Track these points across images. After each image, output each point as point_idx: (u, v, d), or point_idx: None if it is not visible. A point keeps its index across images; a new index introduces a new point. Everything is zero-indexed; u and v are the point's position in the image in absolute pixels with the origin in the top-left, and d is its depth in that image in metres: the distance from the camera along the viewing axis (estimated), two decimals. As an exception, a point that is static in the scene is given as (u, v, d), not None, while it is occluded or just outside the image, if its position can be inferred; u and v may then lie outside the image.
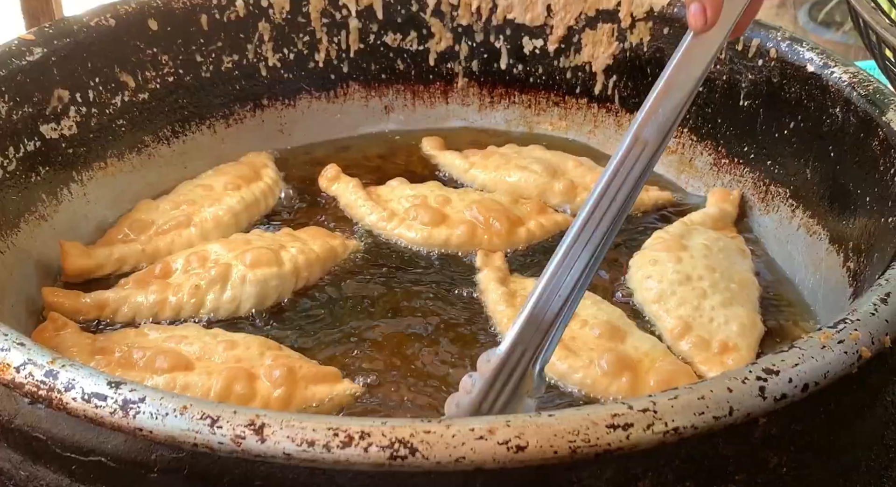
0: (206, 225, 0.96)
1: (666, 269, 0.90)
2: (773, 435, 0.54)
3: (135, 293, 0.87)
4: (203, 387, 0.76)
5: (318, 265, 0.91)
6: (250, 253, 0.88)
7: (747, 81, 1.00)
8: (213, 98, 1.09)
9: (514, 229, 0.97)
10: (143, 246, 0.93)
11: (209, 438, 0.50)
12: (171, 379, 0.76)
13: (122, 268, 0.92)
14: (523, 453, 0.49)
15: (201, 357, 0.79)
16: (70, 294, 0.87)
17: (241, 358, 0.79)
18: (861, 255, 0.83)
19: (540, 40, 1.14)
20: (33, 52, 0.91)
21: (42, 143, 0.91)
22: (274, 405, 0.76)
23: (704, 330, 0.85)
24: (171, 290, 0.86)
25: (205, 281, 0.86)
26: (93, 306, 0.86)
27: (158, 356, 0.77)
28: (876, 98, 0.84)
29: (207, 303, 0.86)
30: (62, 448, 0.54)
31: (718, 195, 1.03)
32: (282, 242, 0.92)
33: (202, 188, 1.02)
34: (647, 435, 0.51)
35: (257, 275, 0.87)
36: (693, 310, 0.86)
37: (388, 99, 1.19)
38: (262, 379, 0.77)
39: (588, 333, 0.83)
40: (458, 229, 0.96)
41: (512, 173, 1.06)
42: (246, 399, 0.76)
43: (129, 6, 1.00)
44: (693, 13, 0.69)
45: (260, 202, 1.02)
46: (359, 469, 0.49)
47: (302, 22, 1.12)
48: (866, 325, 0.58)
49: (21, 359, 0.55)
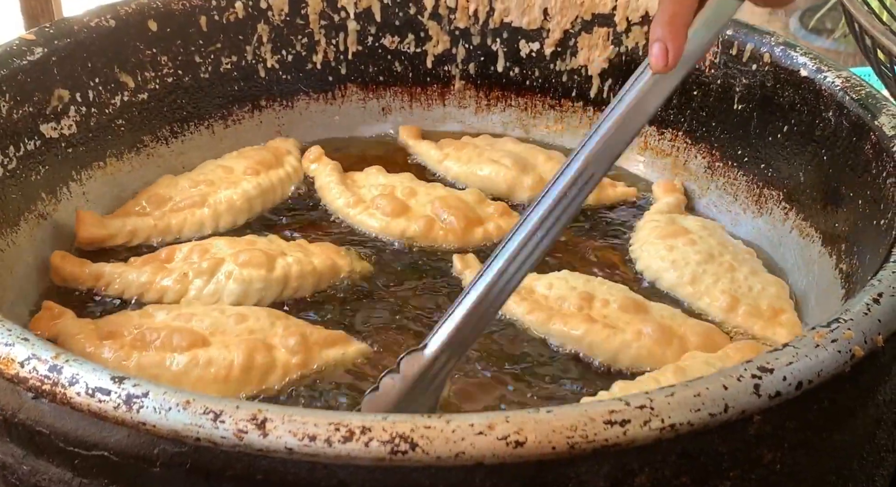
0: (219, 206, 0.98)
1: (686, 252, 0.94)
2: (768, 433, 0.55)
3: (130, 270, 0.89)
4: (226, 361, 0.77)
5: (313, 278, 0.90)
6: (245, 253, 0.89)
7: (741, 85, 1.01)
8: (212, 99, 1.10)
9: (470, 228, 0.98)
10: (155, 220, 0.96)
11: (212, 432, 0.50)
12: (192, 357, 0.77)
13: (132, 240, 0.95)
14: (522, 448, 0.50)
15: (214, 331, 0.80)
16: (76, 261, 0.90)
17: (254, 330, 0.81)
18: (853, 257, 0.84)
19: (536, 43, 1.15)
20: (34, 51, 0.91)
21: (42, 142, 0.92)
22: (293, 371, 0.79)
23: (750, 298, 0.89)
24: (162, 273, 0.88)
25: (193, 271, 0.88)
26: (90, 276, 0.89)
27: (174, 334, 0.78)
28: (868, 102, 0.86)
29: (190, 292, 0.87)
30: (65, 442, 0.54)
31: (666, 186, 1.08)
32: (284, 249, 0.92)
33: (223, 169, 1.03)
34: (643, 431, 0.51)
35: (243, 275, 0.87)
36: (731, 283, 0.90)
37: (385, 101, 1.19)
38: (279, 347, 0.80)
39: (614, 310, 0.86)
40: (417, 223, 0.98)
41: (483, 167, 1.07)
42: (267, 368, 0.78)
43: (129, 7, 1.01)
44: (655, 55, 0.69)
45: (276, 189, 1.03)
46: (360, 463, 0.50)
47: (300, 24, 1.12)
48: (859, 325, 0.59)
49: (25, 354, 0.55)
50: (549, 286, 0.89)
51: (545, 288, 0.89)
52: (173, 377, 0.77)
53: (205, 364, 0.77)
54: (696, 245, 0.95)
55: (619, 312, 0.85)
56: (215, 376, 0.77)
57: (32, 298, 0.88)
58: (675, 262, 0.93)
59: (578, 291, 0.88)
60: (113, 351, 0.78)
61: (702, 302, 0.90)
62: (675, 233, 0.96)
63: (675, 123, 1.09)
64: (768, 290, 0.90)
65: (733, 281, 0.91)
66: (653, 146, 1.12)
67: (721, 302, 0.89)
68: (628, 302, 0.86)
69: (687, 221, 1.01)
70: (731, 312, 0.88)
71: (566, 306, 0.86)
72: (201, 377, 0.77)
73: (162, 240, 0.96)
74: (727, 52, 1.01)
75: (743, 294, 0.90)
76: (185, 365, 0.77)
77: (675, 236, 0.96)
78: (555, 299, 0.87)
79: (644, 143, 1.13)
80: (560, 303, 0.87)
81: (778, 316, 0.88)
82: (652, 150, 1.12)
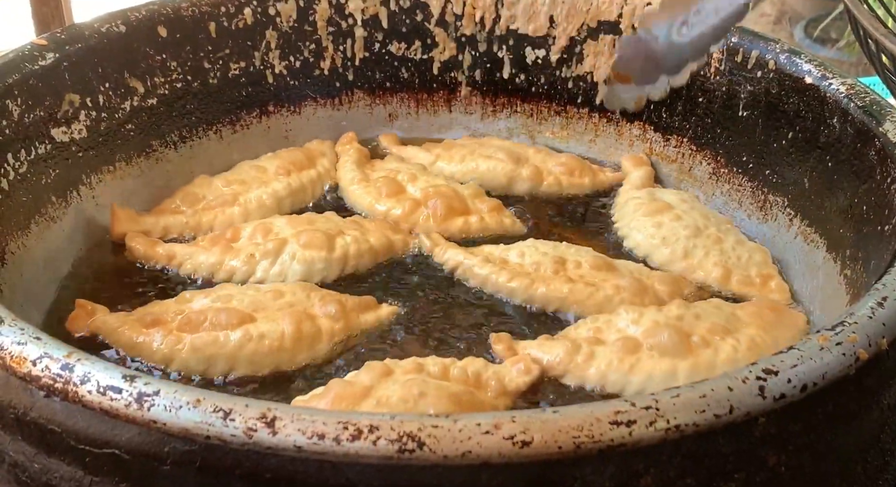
0: (249, 205, 1.01)
1: (674, 228, 0.97)
2: (772, 435, 0.56)
3: (200, 251, 0.93)
4: (276, 332, 0.81)
5: (370, 255, 0.95)
6: (305, 234, 0.93)
7: (746, 92, 1.01)
8: (221, 104, 1.11)
9: (451, 217, 1.00)
10: (187, 218, 1.00)
11: (222, 431, 0.51)
12: (245, 332, 0.81)
13: (165, 236, 0.99)
14: (528, 448, 0.51)
15: (256, 308, 0.83)
16: (148, 241, 0.95)
17: (293, 303, 0.84)
18: (858, 263, 0.84)
19: (542, 50, 1.15)
20: (46, 56, 0.92)
21: (53, 146, 0.93)
22: (338, 337, 0.83)
23: (741, 268, 0.94)
24: (230, 254, 0.92)
25: (259, 252, 0.92)
26: (163, 255, 0.94)
27: (221, 313, 0.81)
28: (873, 109, 0.86)
29: (258, 273, 0.91)
30: (76, 440, 0.55)
31: (634, 159, 1.12)
32: (343, 228, 0.96)
33: (256, 169, 1.07)
34: (649, 432, 0.52)
35: (306, 256, 0.91)
36: (721, 255, 0.95)
37: (392, 107, 1.20)
38: (321, 316, 0.83)
39: (588, 270, 0.91)
40: (403, 205, 1.01)
41: (480, 163, 1.09)
42: (315, 336, 0.82)
43: (140, 13, 1.02)
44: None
45: (307, 189, 1.06)
46: (367, 462, 0.51)
47: (308, 30, 1.13)
48: (864, 328, 0.59)
49: (38, 353, 0.56)
50: (520, 254, 0.93)
51: (517, 256, 0.93)
52: (229, 353, 0.80)
53: (258, 337, 0.80)
54: (682, 220, 0.98)
55: (593, 271, 0.90)
56: (270, 347, 0.80)
57: (42, 300, 0.88)
58: (665, 239, 0.96)
59: (550, 256, 0.92)
60: (163, 337, 0.80)
61: (696, 275, 0.94)
62: (659, 209, 1.00)
63: (680, 130, 1.10)
64: (755, 258, 0.95)
65: (722, 252, 0.95)
66: (658, 152, 1.13)
67: (715, 273, 0.93)
68: (598, 262, 0.92)
69: (666, 195, 1.04)
70: (725, 283, 0.93)
71: (543, 270, 0.90)
72: (256, 350, 0.80)
73: (193, 236, 0.99)
74: (732, 59, 1.02)
75: (734, 264, 0.94)
76: (240, 340, 0.80)
77: (661, 212, 0.99)
78: (530, 265, 0.91)
79: (649, 149, 1.13)
80: (536, 269, 0.91)
81: (768, 283, 0.93)
82: (657, 156, 1.13)
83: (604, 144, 1.17)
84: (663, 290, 0.90)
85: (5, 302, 0.63)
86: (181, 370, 0.80)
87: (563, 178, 1.08)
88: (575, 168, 1.10)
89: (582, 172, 1.10)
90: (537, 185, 1.08)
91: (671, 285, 0.91)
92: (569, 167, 1.09)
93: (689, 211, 1.00)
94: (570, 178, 1.09)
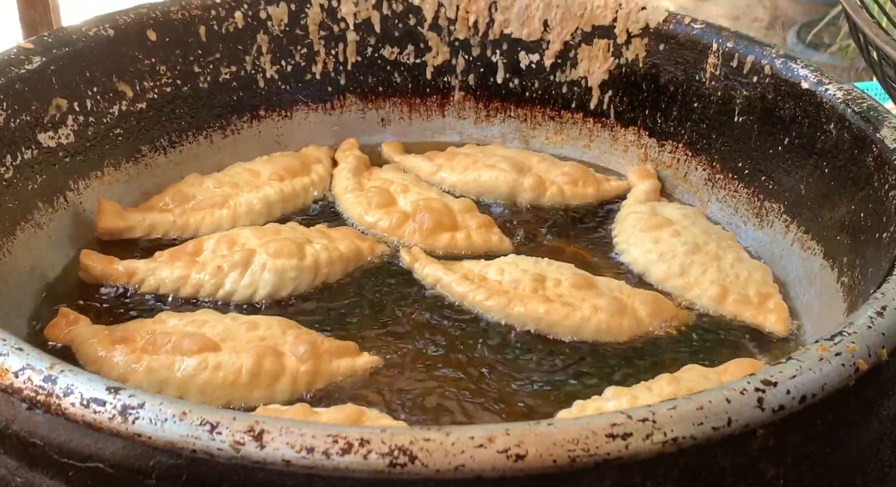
0: (238, 209, 0.99)
1: (672, 244, 0.95)
2: (771, 447, 0.55)
3: (162, 266, 0.90)
4: (234, 365, 0.77)
5: (341, 263, 0.93)
6: (274, 243, 0.91)
7: (742, 98, 1.01)
8: (211, 108, 1.09)
9: (438, 232, 0.99)
10: (175, 217, 0.98)
11: (208, 444, 0.50)
12: (202, 360, 0.77)
13: (151, 234, 0.97)
14: (523, 461, 0.49)
15: (225, 338, 0.80)
16: (104, 258, 0.91)
17: (265, 337, 0.81)
18: (855, 270, 0.83)
19: (536, 55, 1.14)
20: (32, 60, 0.91)
21: (39, 152, 0.91)
22: (302, 379, 0.78)
23: (738, 286, 0.92)
24: (195, 268, 0.90)
25: (227, 264, 0.89)
26: (123, 273, 0.90)
27: (185, 339, 0.78)
28: (870, 115, 0.85)
29: (226, 285, 0.89)
30: (59, 453, 0.53)
31: (640, 172, 1.10)
32: (309, 237, 0.94)
33: (249, 172, 1.05)
34: (646, 445, 0.51)
35: (277, 265, 0.89)
36: (718, 273, 0.93)
37: (384, 111, 1.19)
38: (289, 354, 0.79)
39: (567, 288, 0.89)
40: (392, 217, 1.00)
41: (482, 173, 1.08)
42: (276, 374, 0.78)
43: (128, 16, 1.01)
44: None
45: (298, 196, 1.05)
46: (358, 476, 0.49)
47: (300, 34, 1.12)
48: (863, 338, 0.59)
49: (20, 364, 0.55)
50: (500, 271, 0.91)
51: (497, 273, 0.91)
52: (181, 380, 0.77)
53: (213, 368, 0.77)
54: (681, 236, 0.96)
55: (572, 290, 0.88)
56: (223, 380, 0.77)
57: (27, 308, 0.87)
58: (662, 255, 0.95)
59: (530, 273, 0.90)
60: (124, 355, 0.78)
61: (692, 293, 0.92)
62: (658, 224, 0.98)
63: (675, 135, 1.09)
64: (754, 276, 0.93)
65: (720, 270, 0.93)
66: (653, 158, 1.12)
67: (711, 292, 0.91)
68: (579, 279, 0.90)
69: (667, 210, 1.02)
70: (721, 302, 0.91)
71: (521, 289, 0.89)
72: (209, 381, 0.77)
73: (179, 236, 0.98)
74: (728, 64, 1.01)
75: (731, 282, 0.92)
76: (194, 368, 0.77)
77: (660, 228, 0.98)
78: (509, 283, 0.90)
79: (644, 155, 1.12)
80: (514, 287, 0.89)
81: (766, 302, 0.90)
82: (652, 162, 1.12)
83: (598, 149, 1.16)
84: (644, 310, 0.87)
85: (-12, 311, 0.62)
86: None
87: (566, 188, 1.07)
88: (579, 178, 1.08)
89: (586, 182, 1.08)
90: (540, 196, 1.07)
91: (652, 305, 0.88)
92: (572, 177, 1.08)
93: (689, 227, 0.98)
94: (574, 188, 1.07)
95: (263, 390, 0.77)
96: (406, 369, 0.83)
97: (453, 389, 0.80)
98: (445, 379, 0.81)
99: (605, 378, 0.82)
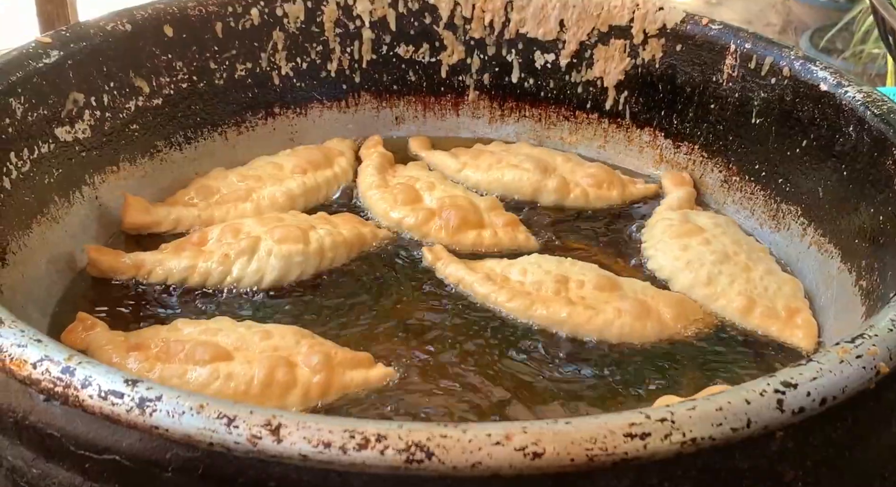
0: (262, 202, 1.00)
1: (701, 252, 0.93)
2: (790, 449, 0.54)
3: (169, 257, 0.91)
4: (246, 376, 0.77)
5: (344, 248, 0.94)
6: (279, 229, 0.91)
7: (759, 99, 1.00)
8: (226, 105, 1.09)
9: (464, 230, 0.98)
10: (200, 211, 0.99)
11: (225, 437, 0.50)
12: (213, 370, 0.77)
13: (176, 228, 0.98)
14: (540, 460, 0.49)
15: (239, 347, 0.79)
16: (111, 252, 0.91)
17: (278, 347, 0.80)
18: (874, 274, 0.83)
19: (552, 55, 1.14)
20: (50, 54, 0.91)
21: (56, 146, 0.91)
22: (314, 391, 0.78)
23: (766, 299, 0.89)
24: (202, 257, 0.90)
25: (234, 251, 0.90)
26: (130, 266, 0.90)
27: (198, 348, 0.78)
28: (890, 117, 0.85)
29: (234, 272, 0.90)
30: (76, 445, 0.53)
31: (676, 178, 1.08)
32: (313, 223, 0.95)
33: (273, 165, 1.06)
34: (664, 445, 0.50)
35: (283, 250, 0.90)
36: (746, 284, 0.90)
37: (399, 109, 1.19)
38: (301, 365, 0.78)
39: (590, 290, 0.88)
40: (417, 214, 0.99)
41: (506, 172, 1.07)
42: (287, 385, 0.77)
43: (146, 12, 1.01)
44: None
45: (321, 189, 1.05)
46: (374, 472, 0.49)
47: (315, 31, 1.12)
48: (884, 341, 0.58)
49: (38, 356, 0.55)
50: (522, 272, 0.91)
51: (519, 274, 0.90)
52: (193, 389, 0.74)
53: (225, 377, 0.77)
54: (710, 244, 0.95)
55: (596, 292, 0.87)
56: (234, 390, 0.76)
57: (43, 301, 0.87)
58: (689, 263, 0.93)
59: (553, 274, 0.89)
60: (138, 362, 0.78)
61: (718, 303, 0.90)
62: (689, 232, 0.96)
63: (691, 137, 1.09)
64: (783, 290, 0.91)
65: (749, 281, 0.91)
66: (668, 159, 1.11)
67: (737, 303, 0.89)
68: (602, 281, 0.89)
69: (699, 218, 1.00)
70: (747, 314, 0.88)
71: (544, 291, 0.88)
72: (220, 390, 0.76)
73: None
74: (745, 66, 1.01)
75: (759, 294, 0.90)
76: (206, 377, 0.76)
77: (690, 235, 0.96)
78: (531, 284, 0.89)
79: (659, 157, 1.12)
80: (537, 288, 0.88)
81: (794, 317, 0.88)
82: (667, 164, 1.11)
83: (613, 150, 1.15)
84: (668, 313, 0.86)
85: (5, 304, 0.61)
86: None
87: (590, 191, 1.06)
88: (603, 180, 1.07)
89: (611, 185, 1.07)
90: (563, 197, 1.06)
91: (677, 308, 0.87)
92: (597, 179, 1.07)
93: (719, 236, 0.96)
94: (598, 191, 1.06)
95: (275, 401, 0.77)
96: (421, 377, 0.81)
97: (469, 396, 0.79)
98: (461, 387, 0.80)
99: (628, 383, 0.81)
